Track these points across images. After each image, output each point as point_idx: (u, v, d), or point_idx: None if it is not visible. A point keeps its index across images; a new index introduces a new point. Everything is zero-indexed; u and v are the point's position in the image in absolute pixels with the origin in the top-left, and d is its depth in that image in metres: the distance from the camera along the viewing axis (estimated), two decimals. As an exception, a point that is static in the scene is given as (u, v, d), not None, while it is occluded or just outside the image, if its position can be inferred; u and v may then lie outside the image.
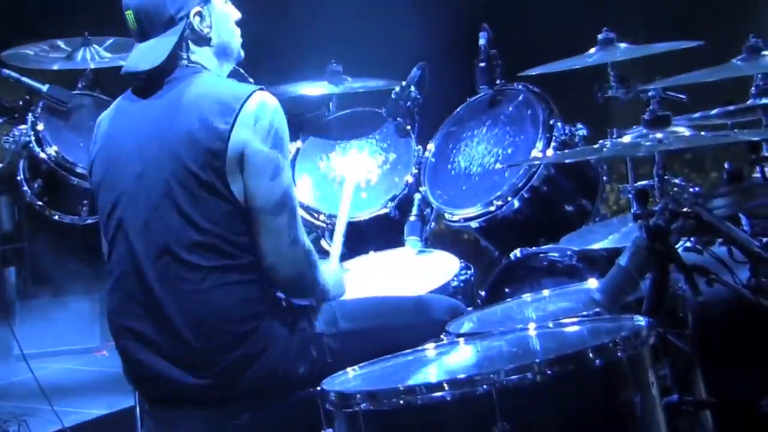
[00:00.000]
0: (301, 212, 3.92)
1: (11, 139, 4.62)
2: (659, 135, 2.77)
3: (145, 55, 3.00)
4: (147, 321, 2.93)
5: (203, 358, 2.89)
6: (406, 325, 3.15)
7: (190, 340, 2.88)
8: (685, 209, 2.66)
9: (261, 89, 2.96)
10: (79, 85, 4.85)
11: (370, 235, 4.34)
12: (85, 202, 4.68)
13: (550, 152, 4.15)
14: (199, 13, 3.01)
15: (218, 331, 2.88)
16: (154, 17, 2.99)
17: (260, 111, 2.91)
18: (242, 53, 3.17)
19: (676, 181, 3.38)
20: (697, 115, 3.78)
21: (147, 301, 2.92)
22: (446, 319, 3.15)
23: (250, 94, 2.91)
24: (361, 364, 2.64)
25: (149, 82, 3.01)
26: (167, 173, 2.89)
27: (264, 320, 2.92)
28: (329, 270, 3.21)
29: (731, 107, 3.78)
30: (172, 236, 2.88)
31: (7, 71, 4.51)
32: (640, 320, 2.50)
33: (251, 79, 4.03)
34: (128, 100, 3.09)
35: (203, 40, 3.04)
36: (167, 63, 2.99)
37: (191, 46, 3.04)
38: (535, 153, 4.16)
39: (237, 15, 3.14)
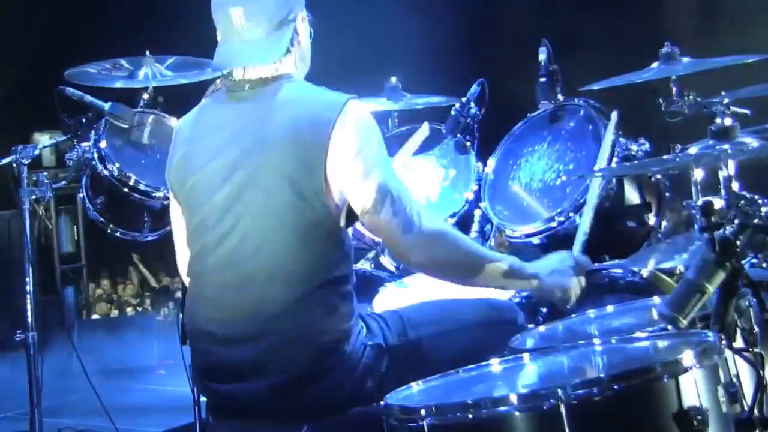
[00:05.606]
0: (361, 229, 3.92)
1: (74, 157, 4.65)
2: (727, 146, 2.73)
3: (254, 52, 2.95)
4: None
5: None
6: (473, 324, 3.11)
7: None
8: (754, 222, 2.61)
9: (352, 98, 2.92)
10: (141, 103, 4.88)
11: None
12: (147, 218, 4.70)
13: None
14: (303, 18, 3.03)
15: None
16: (269, 15, 2.94)
17: (350, 120, 2.87)
18: None
19: (744, 193, 3.32)
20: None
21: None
22: (512, 317, 3.16)
23: (344, 104, 2.88)
24: (425, 379, 2.61)
25: (239, 83, 2.99)
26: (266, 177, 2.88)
27: (345, 335, 2.89)
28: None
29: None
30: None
31: (70, 90, 4.55)
32: (708, 335, 2.44)
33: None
34: (215, 101, 3.06)
35: (294, 45, 3.02)
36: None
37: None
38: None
39: None
